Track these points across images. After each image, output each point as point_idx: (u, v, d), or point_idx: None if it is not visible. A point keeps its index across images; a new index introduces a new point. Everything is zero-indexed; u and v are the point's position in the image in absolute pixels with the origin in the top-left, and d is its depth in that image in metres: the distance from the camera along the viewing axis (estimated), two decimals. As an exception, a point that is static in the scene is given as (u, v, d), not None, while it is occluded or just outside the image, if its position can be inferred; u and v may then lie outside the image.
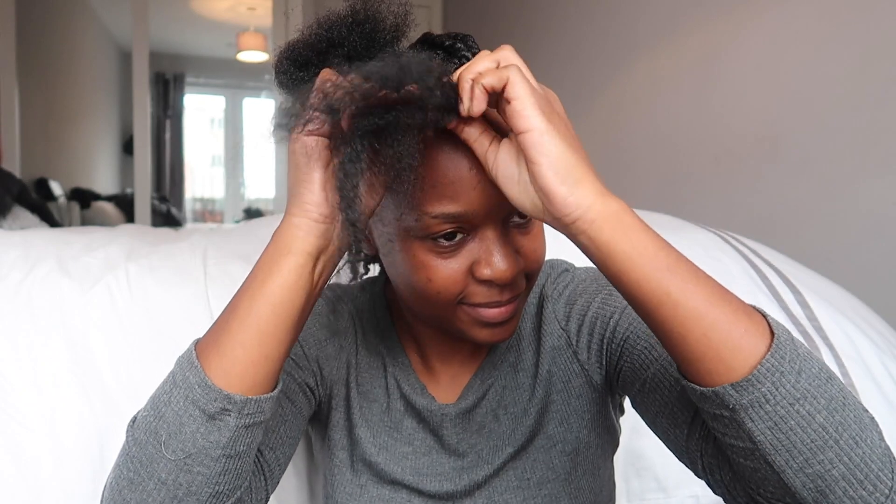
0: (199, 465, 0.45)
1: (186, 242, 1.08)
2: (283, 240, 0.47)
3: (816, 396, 0.41)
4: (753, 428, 0.42)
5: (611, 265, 0.44)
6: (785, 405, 0.41)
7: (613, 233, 0.44)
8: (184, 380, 0.46)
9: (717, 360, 0.42)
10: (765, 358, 0.41)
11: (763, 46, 1.77)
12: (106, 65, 5.61)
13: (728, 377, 0.42)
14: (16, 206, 2.19)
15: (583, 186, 0.44)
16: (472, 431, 0.65)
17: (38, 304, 0.87)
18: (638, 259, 0.43)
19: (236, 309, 0.47)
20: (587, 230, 0.44)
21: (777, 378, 0.41)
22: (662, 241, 0.45)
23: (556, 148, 0.43)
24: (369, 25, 0.51)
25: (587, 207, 0.44)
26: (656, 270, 0.43)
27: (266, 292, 0.46)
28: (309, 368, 0.64)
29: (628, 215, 0.44)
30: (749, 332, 0.42)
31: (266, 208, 6.46)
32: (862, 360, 0.97)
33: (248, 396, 0.46)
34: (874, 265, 1.47)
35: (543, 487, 0.63)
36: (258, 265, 0.48)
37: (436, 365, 0.67)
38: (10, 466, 0.75)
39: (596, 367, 0.64)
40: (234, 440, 0.46)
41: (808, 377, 0.42)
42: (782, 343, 0.42)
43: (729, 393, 0.42)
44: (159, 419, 0.46)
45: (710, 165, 1.97)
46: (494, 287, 0.53)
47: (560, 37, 2.85)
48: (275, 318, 0.47)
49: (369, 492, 0.65)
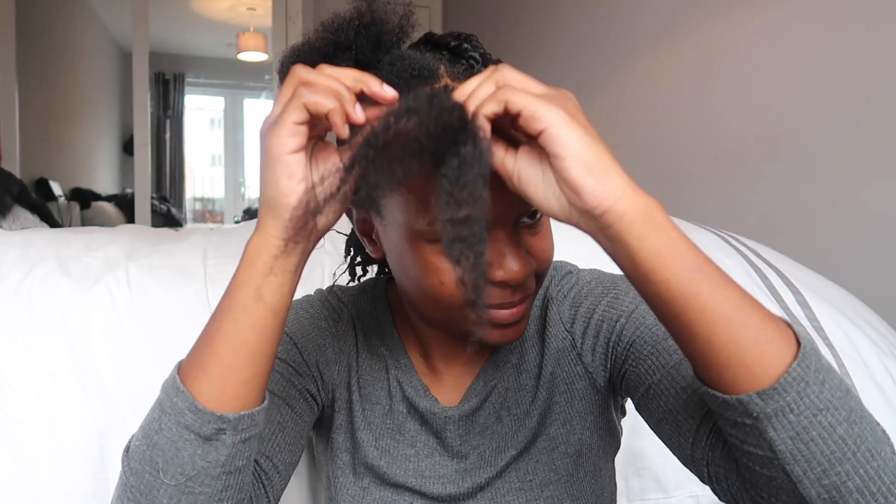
0: (200, 485, 0.46)
1: (186, 242, 1.08)
2: (262, 259, 0.46)
3: (838, 408, 0.41)
4: (775, 437, 0.41)
5: (640, 262, 0.42)
6: (808, 415, 0.41)
7: (645, 227, 0.42)
8: (172, 406, 0.46)
9: (743, 366, 0.41)
10: (791, 367, 0.41)
11: (763, 46, 1.77)
12: (106, 65, 5.61)
13: (753, 384, 0.41)
14: (16, 206, 2.18)
15: (611, 177, 0.42)
16: (475, 433, 0.65)
17: (38, 304, 0.87)
18: (669, 257, 0.42)
19: (220, 332, 0.46)
20: (616, 223, 0.42)
21: (802, 388, 0.40)
22: (691, 242, 0.43)
23: (578, 139, 0.42)
24: (375, 28, 0.50)
25: (617, 198, 0.42)
26: (687, 270, 0.42)
27: (250, 314, 0.46)
28: (309, 374, 0.64)
29: (660, 212, 0.43)
30: (775, 340, 0.42)
31: (266, 208, 6.44)
32: (862, 360, 0.97)
33: (240, 413, 0.46)
34: (874, 265, 1.47)
35: (546, 489, 0.63)
36: (236, 283, 0.46)
37: (439, 366, 0.66)
38: (10, 466, 0.75)
39: (600, 369, 0.64)
40: (232, 457, 0.46)
41: (831, 388, 0.41)
42: (808, 353, 0.42)
43: (754, 401, 0.41)
44: (153, 447, 0.46)
45: (710, 165, 1.97)
46: (506, 288, 0.53)
47: (560, 37, 2.85)
48: (261, 338, 0.46)
49: (372, 494, 0.65)
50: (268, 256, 0.45)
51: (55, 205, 3.78)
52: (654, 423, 0.58)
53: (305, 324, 0.66)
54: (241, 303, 0.46)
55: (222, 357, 0.46)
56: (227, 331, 0.46)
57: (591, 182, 0.42)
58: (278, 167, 0.44)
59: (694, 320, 0.42)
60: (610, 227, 0.42)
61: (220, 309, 0.47)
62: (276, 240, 0.45)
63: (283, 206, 0.44)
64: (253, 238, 0.46)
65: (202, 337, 0.48)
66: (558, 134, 0.42)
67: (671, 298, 0.42)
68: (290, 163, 0.44)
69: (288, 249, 0.45)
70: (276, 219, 0.45)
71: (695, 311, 0.42)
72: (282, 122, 0.44)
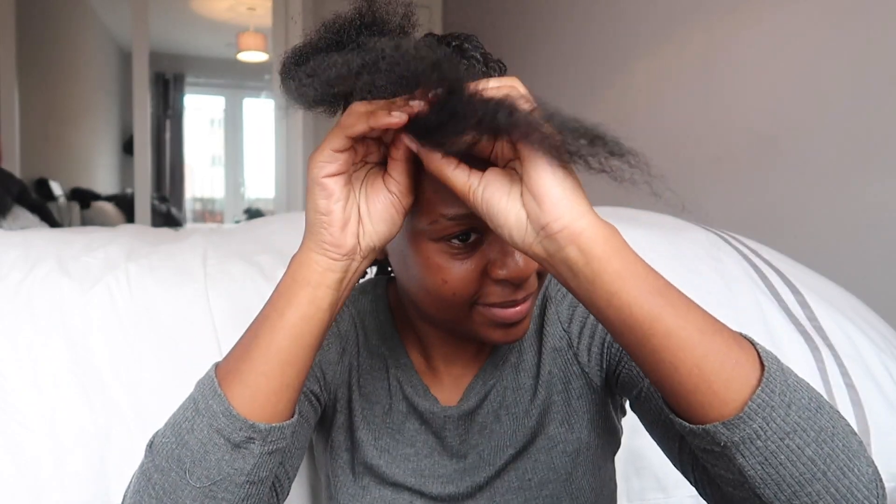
0: (223, 491, 0.46)
1: (186, 242, 1.08)
2: (302, 273, 0.48)
3: (806, 429, 0.41)
4: (744, 463, 0.41)
5: (601, 285, 0.42)
6: (775, 440, 0.41)
7: (606, 247, 0.42)
8: (207, 408, 0.46)
9: (709, 392, 0.41)
10: (755, 393, 0.40)
11: (763, 47, 1.77)
12: (106, 65, 5.61)
13: (720, 412, 0.41)
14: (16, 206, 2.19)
15: (577, 194, 0.43)
16: (474, 433, 0.65)
17: (38, 304, 0.87)
18: (631, 279, 0.42)
19: (257, 338, 0.48)
20: (576, 241, 0.42)
21: (768, 413, 0.40)
22: (650, 266, 0.43)
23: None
24: (377, 28, 0.50)
25: (580, 214, 0.42)
26: (649, 293, 0.41)
27: (286, 324, 0.47)
28: (313, 375, 0.64)
29: (618, 237, 0.43)
30: (740, 364, 0.42)
31: (266, 208, 6.46)
32: (862, 360, 0.97)
33: (271, 425, 0.47)
34: (874, 265, 1.47)
35: (545, 488, 0.64)
36: (278, 294, 0.49)
37: (439, 366, 0.67)
38: (10, 466, 0.75)
39: (596, 370, 0.64)
40: (257, 467, 0.47)
41: (798, 409, 0.41)
42: (772, 374, 0.41)
43: (720, 431, 0.41)
44: (182, 446, 0.46)
45: (710, 165, 1.97)
46: (510, 286, 0.53)
47: (560, 37, 2.85)
48: (295, 349, 0.47)
49: (371, 493, 0.65)
50: (307, 271, 0.48)
51: (55, 205, 3.79)
52: (647, 425, 0.59)
53: None
54: (279, 311, 0.48)
55: (256, 364, 0.47)
56: (262, 337, 0.47)
57: (557, 192, 0.42)
58: (315, 189, 0.47)
59: (658, 346, 0.42)
60: (568, 247, 0.42)
61: (259, 316, 0.49)
62: (314, 254, 0.48)
63: (319, 223, 0.47)
64: (297, 253, 0.49)
65: (241, 341, 0.49)
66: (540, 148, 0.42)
67: (634, 323, 0.42)
68: (327, 184, 0.47)
69: (326, 265, 0.48)
70: (314, 234, 0.48)
71: (659, 336, 0.41)
72: (321, 148, 0.47)
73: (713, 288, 1.03)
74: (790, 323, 1.00)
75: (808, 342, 0.98)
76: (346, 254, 0.48)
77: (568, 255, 0.42)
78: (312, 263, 0.48)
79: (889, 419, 0.91)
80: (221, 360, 0.50)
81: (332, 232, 0.47)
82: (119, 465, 0.79)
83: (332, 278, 0.48)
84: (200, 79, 6.45)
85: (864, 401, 0.92)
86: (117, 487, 0.78)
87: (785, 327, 1.00)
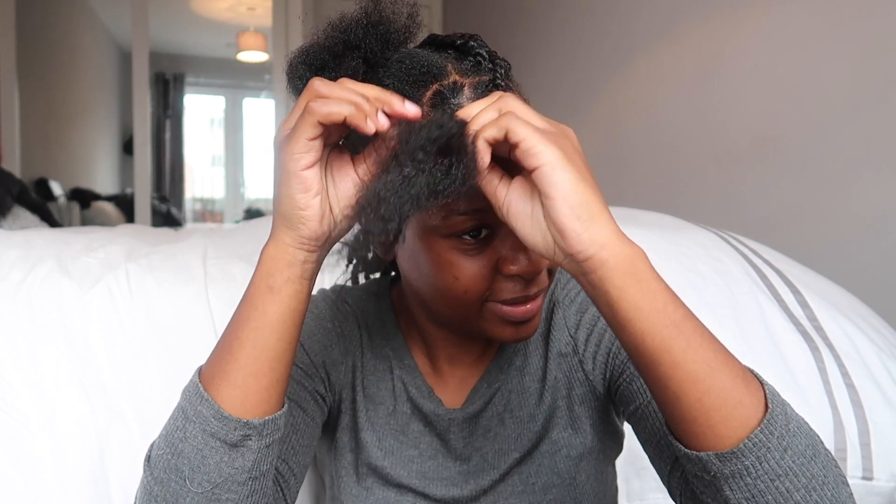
0: (227, 492, 0.46)
1: (186, 242, 1.08)
2: (279, 268, 0.47)
3: (798, 475, 0.41)
4: (731, 496, 0.42)
5: (617, 311, 0.43)
6: (766, 480, 0.41)
7: (625, 277, 0.42)
8: (196, 414, 0.46)
9: (707, 425, 0.42)
10: (753, 432, 0.41)
11: (763, 47, 1.77)
12: (106, 65, 5.61)
13: (715, 445, 0.42)
14: (16, 206, 2.19)
15: (598, 223, 0.42)
16: (478, 435, 0.65)
17: (38, 304, 0.87)
18: (646, 310, 0.42)
19: (239, 339, 0.47)
20: (598, 270, 0.42)
21: (762, 453, 0.41)
22: (672, 295, 0.44)
23: (570, 182, 0.42)
24: (383, 27, 0.51)
25: (601, 246, 0.42)
26: (663, 326, 0.42)
27: (271, 321, 0.47)
28: (318, 375, 0.64)
29: (643, 262, 0.43)
30: (743, 404, 0.42)
31: (266, 208, 6.45)
32: (862, 360, 0.97)
33: (265, 418, 0.47)
34: (874, 265, 1.46)
35: (549, 492, 0.63)
36: (254, 291, 0.47)
37: (443, 367, 0.66)
38: (10, 466, 0.75)
39: (600, 378, 0.64)
40: (257, 462, 0.47)
41: (794, 454, 0.42)
42: (775, 417, 0.42)
43: (712, 461, 0.42)
44: (178, 456, 0.46)
45: (710, 166, 1.97)
46: (521, 282, 0.53)
47: (560, 37, 2.85)
48: (282, 345, 0.47)
49: (375, 495, 0.65)
50: (283, 265, 0.47)
51: (55, 205, 3.78)
52: (640, 440, 0.59)
53: (311, 325, 0.66)
54: (260, 310, 0.47)
55: (244, 363, 0.46)
56: (247, 338, 0.47)
57: (576, 226, 0.42)
58: (293, 182, 0.45)
59: (665, 375, 0.43)
60: (591, 273, 0.43)
61: (238, 317, 0.48)
62: (292, 248, 0.46)
63: (298, 218, 0.45)
64: (268, 247, 0.47)
65: (221, 344, 0.48)
66: (551, 174, 0.42)
67: (645, 351, 0.43)
68: (306, 178, 0.45)
69: (304, 258, 0.47)
70: (292, 229, 0.46)
71: (666, 367, 0.42)
72: (295, 138, 0.44)
73: (713, 288, 1.03)
74: (790, 323, 1.00)
75: (808, 342, 0.98)
76: (322, 244, 0.47)
77: (590, 280, 0.44)
78: (289, 257, 0.46)
79: (889, 419, 0.91)
80: (204, 365, 0.49)
81: (310, 227, 0.46)
82: (119, 466, 0.79)
83: (310, 269, 0.47)
84: (200, 79, 6.45)
85: (864, 401, 0.92)
86: (117, 487, 0.78)
87: (785, 327, 1.00)
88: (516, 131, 0.42)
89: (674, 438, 0.46)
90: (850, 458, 0.89)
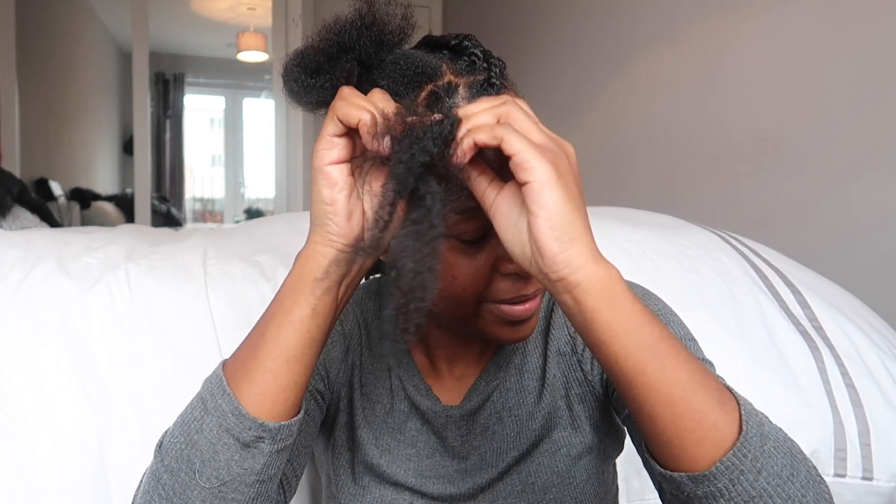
0: (233, 491, 0.46)
1: (186, 242, 1.08)
2: (309, 267, 0.47)
3: (773, 496, 0.42)
4: None
5: (592, 333, 0.43)
6: (739, 502, 0.41)
7: (599, 299, 0.42)
8: (216, 407, 0.46)
9: (682, 447, 0.42)
10: (726, 455, 0.41)
11: (762, 47, 1.77)
12: (106, 65, 5.61)
13: (689, 467, 0.42)
14: (16, 206, 2.18)
15: (576, 246, 0.42)
16: (476, 433, 0.65)
17: (38, 304, 0.87)
18: (620, 332, 0.42)
19: (264, 336, 0.47)
20: (571, 291, 0.42)
21: (735, 476, 0.41)
22: (648, 316, 0.43)
23: (556, 202, 0.41)
24: (377, 28, 0.51)
25: (576, 268, 0.42)
26: (636, 348, 0.42)
27: (293, 320, 0.47)
28: (318, 373, 0.64)
29: (618, 284, 0.43)
30: (717, 426, 0.42)
31: (266, 208, 6.46)
32: (862, 360, 0.97)
33: (280, 423, 0.47)
34: (874, 265, 1.47)
35: (548, 492, 0.63)
36: (284, 291, 0.48)
37: (442, 366, 0.66)
38: (10, 466, 0.75)
39: (598, 378, 0.64)
40: (267, 466, 0.47)
41: (769, 476, 0.42)
42: (749, 440, 0.42)
43: (685, 482, 0.42)
44: (192, 447, 0.46)
45: (709, 166, 1.97)
46: (519, 281, 0.53)
47: (559, 37, 2.85)
48: (302, 346, 0.47)
49: (371, 493, 0.65)
50: (314, 265, 0.47)
51: (55, 205, 3.79)
52: (633, 443, 0.59)
53: None
54: (286, 308, 0.47)
55: (264, 361, 0.47)
56: (270, 335, 0.47)
57: (554, 247, 0.42)
58: (318, 177, 0.46)
59: (640, 397, 0.43)
60: (565, 293, 0.43)
61: (266, 314, 0.48)
62: (320, 246, 0.47)
63: (324, 213, 0.46)
64: (302, 249, 0.48)
65: (248, 340, 0.49)
66: (539, 191, 0.42)
67: (619, 373, 0.43)
68: (330, 173, 0.46)
69: (333, 257, 0.47)
70: (320, 226, 0.47)
71: (641, 389, 0.42)
72: (321, 135, 0.46)
73: (713, 288, 1.03)
74: (790, 323, 1.00)
75: (808, 342, 0.98)
76: (353, 243, 0.47)
77: (564, 301, 0.44)
78: (319, 257, 0.47)
79: (889, 419, 0.91)
80: (228, 358, 0.49)
81: (337, 222, 0.46)
82: (119, 466, 0.79)
83: (339, 272, 0.47)
84: (200, 79, 6.46)
85: (864, 401, 0.92)
86: (117, 487, 0.78)
87: (785, 327, 1.00)
88: (511, 143, 0.42)
89: (650, 457, 0.46)
90: (850, 458, 0.89)
